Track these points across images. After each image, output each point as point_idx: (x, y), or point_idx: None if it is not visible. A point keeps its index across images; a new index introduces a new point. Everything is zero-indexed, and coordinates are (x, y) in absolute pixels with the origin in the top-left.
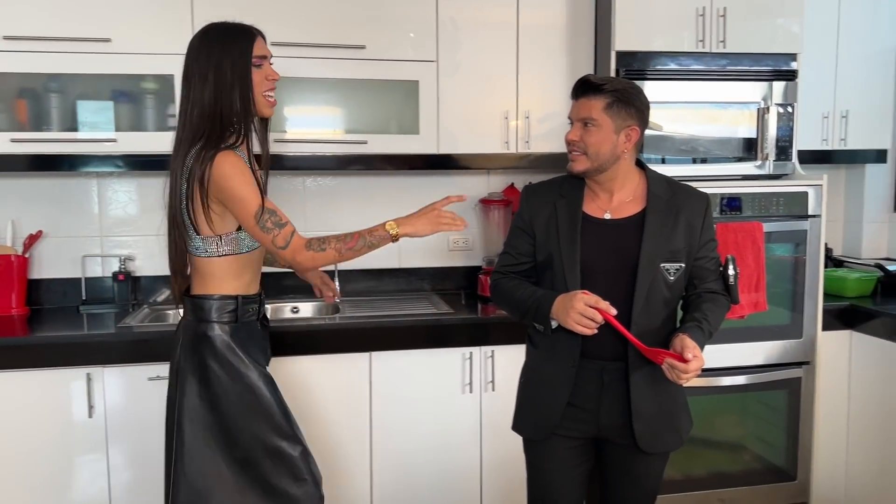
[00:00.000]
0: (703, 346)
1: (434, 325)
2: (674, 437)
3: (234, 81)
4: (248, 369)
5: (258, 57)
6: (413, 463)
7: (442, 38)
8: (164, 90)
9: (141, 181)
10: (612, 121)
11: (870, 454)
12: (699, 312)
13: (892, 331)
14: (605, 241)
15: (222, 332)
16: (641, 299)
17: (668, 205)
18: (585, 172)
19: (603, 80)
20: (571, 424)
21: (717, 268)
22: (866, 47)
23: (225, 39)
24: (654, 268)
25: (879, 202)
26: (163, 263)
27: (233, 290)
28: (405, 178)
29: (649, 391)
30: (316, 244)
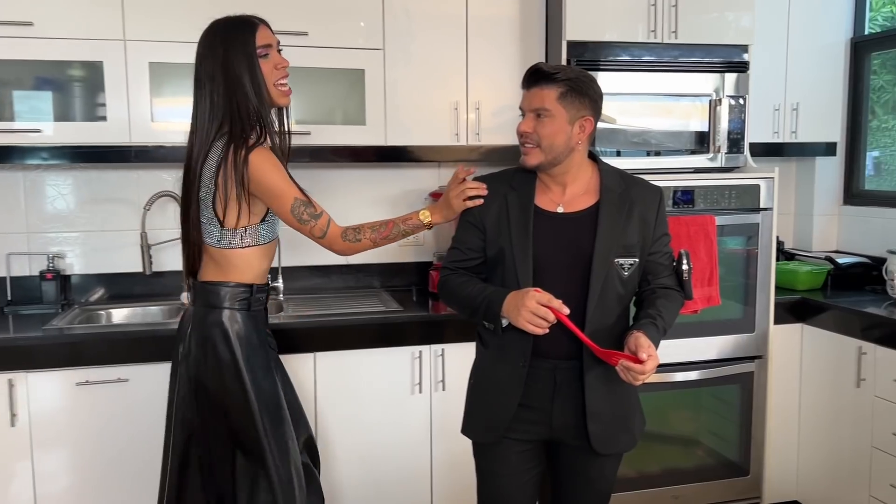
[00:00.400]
0: (657, 344)
1: (381, 323)
2: (628, 438)
3: (243, 76)
4: (256, 355)
5: (262, 46)
6: (361, 467)
7: (389, 26)
8: (94, 78)
9: (71, 174)
10: (565, 111)
11: (820, 448)
12: (653, 309)
13: (841, 324)
14: (558, 235)
15: (234, 319)
16: (596, 295)
17: (621, 198)
18: (539, 166)
19: (555, 68)
20: (523, 427)
21: (670, 263)
22: (816, 40)
23: (226, 34)
24: (608, 263)
25: (829, 195)
26: (96, 261)
27: (248, 279)
28: (352, 171)
29: (604, 391)
30: (351, 234)
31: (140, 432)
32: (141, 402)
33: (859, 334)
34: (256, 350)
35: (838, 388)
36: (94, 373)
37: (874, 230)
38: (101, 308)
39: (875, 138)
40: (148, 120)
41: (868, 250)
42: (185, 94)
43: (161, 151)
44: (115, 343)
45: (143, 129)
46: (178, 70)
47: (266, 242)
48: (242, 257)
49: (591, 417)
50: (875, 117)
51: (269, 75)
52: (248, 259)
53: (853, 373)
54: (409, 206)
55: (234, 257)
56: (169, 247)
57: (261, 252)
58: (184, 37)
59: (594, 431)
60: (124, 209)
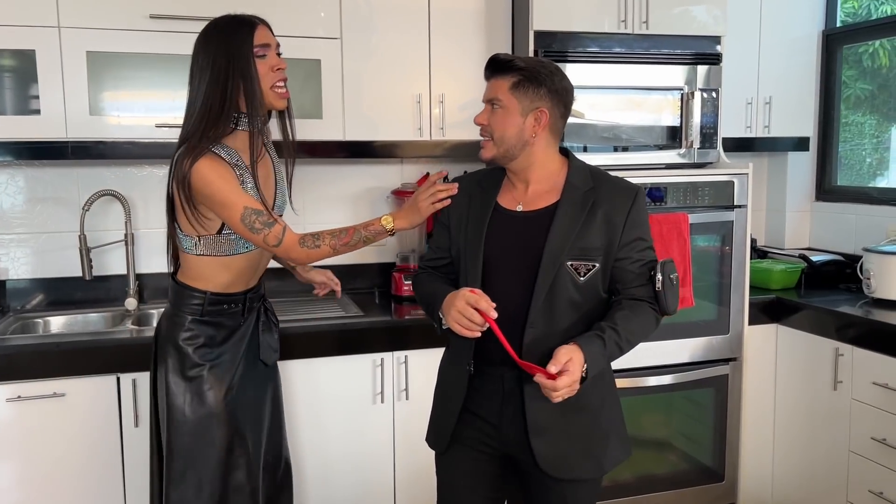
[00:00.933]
0: (604, 359)
1: (340, 330)
2: (590, 465)
3: (234, 75)
4: (196, 367)
5: (260, 46)
6: (320, 481)
7: (346, 14)
8: (26, 68)
9: (4, 172)
10: (518, 102)
11: (797, 452)
12: (608, 321)
13: (817, 324)
14: (511, 234)
15: (182, 321)
16: (540, 299)
17: (585, 197)
18: (493, 159)
19: (511, 57)
20: (475, 436)
21: (645, 271)
22: (789, 33)
23: (221, 33)
24: (556, 265)
25: (802, 191)
26: (34, 265)
27: (205, 286)
28: (309, 168)
29: (550, 406)
30: (310, 240)
31: (78, 451)
32: (79, 418)
33: (835, 335)
34: (203, 357)
35: (814, 391)
36: (28, 387)
37: (846, 227)
38: (38, 316)
39: (840, 134)
40: (86, 113)
41: (840, 247)
42: (128, 87)
43: (101, 148)
44: (50, 355)
45: (80, 123)
46: (119, 60)
47: (226, 255)
48: (199, 264)
49: (533, 432)
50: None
51: (265, 77)
52: (203, 268)
53: (830, 375)
54: (370, 203)
55: (192, 262)
56: (113, 249)
57: (219, 264)
58: (124, 24)
59: (539, 450)
60: (63, 210)
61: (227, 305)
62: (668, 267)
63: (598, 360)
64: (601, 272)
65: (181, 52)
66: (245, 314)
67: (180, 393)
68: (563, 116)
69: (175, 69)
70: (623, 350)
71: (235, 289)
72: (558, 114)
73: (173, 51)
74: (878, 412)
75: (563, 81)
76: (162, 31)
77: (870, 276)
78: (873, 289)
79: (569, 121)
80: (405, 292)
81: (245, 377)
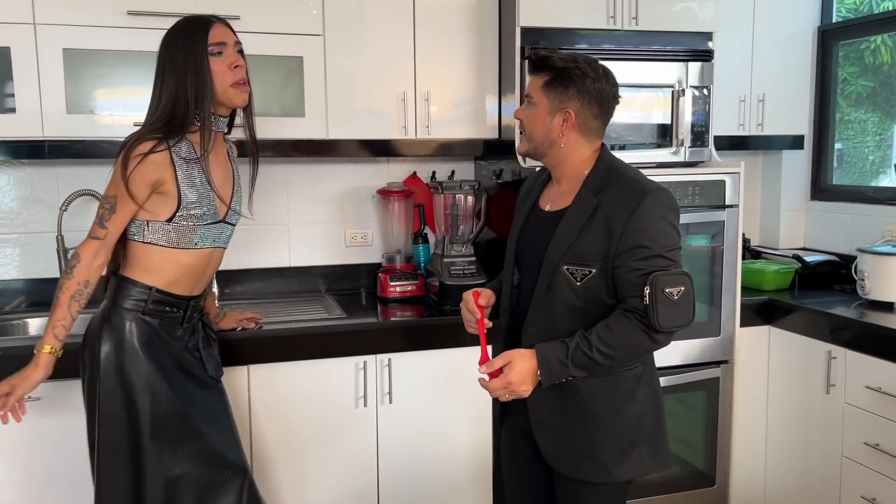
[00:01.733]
0: (563, 367)
1: (321, 333)
2: (595, 469)
3: (188, 74)
4: (138, 367)
5: (215, 44)
6: (301, 489)
7: (329, 10)
8: (1, 66)
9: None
10: (547, 100)
11: (789, 457)
12: (587, 331)
13: (810, 326)
14: (535, 233)
15: (121, 319)
16: (539, 298)
17: (592, 200)
18: (526, 154)
19: (549, 55)
20: (515, 413)
21: (642, 281)
22: (783, 28)
23: (178, 34)
24: (553, 268)
25: (796, 190)
26: (15, 266)
27: (150, 280)
28: (292, 167)
29: (550, 401)
30: (66, 274)
31: (56, 455)
32: (57, 422)
33: (829, 337)
34: (142, 361)
35: (807, 395)
36: None
37: (842, 226)
38: (16, 318)
39: (839, 130)
40: (63, 112)
41: (836, 247)
42: (106, 85)
43: (79, 147)
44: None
45: (57, 121)
46: (96, 57)
47: (174, 247)
48: (145, 254)
49: (535, 426)
50: (838, 109)
51: (221, 74)
52: (149, 258)
53: (822, 378)
54: (356, 204)
55: (138, 252)
56: None
57: (166, 256)
58: (102, 21)
59: (543, 443)
60: (44, 210)
61: (169, 308)
62: (664, 280)
63: (555, 367)
64: (600, 278)
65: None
66: (184, 323)
67: (109, 391)
68: (597, 117)
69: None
70: (596, 360)
71: (180, 290)
72: (590, 115)
73: (151, 48)
74: (871, 416)
75: (596, 83)
76: (140, 27)
77: (864, 277)
78: (867, 290)
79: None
80: (391, 294)
81: (175, 389)
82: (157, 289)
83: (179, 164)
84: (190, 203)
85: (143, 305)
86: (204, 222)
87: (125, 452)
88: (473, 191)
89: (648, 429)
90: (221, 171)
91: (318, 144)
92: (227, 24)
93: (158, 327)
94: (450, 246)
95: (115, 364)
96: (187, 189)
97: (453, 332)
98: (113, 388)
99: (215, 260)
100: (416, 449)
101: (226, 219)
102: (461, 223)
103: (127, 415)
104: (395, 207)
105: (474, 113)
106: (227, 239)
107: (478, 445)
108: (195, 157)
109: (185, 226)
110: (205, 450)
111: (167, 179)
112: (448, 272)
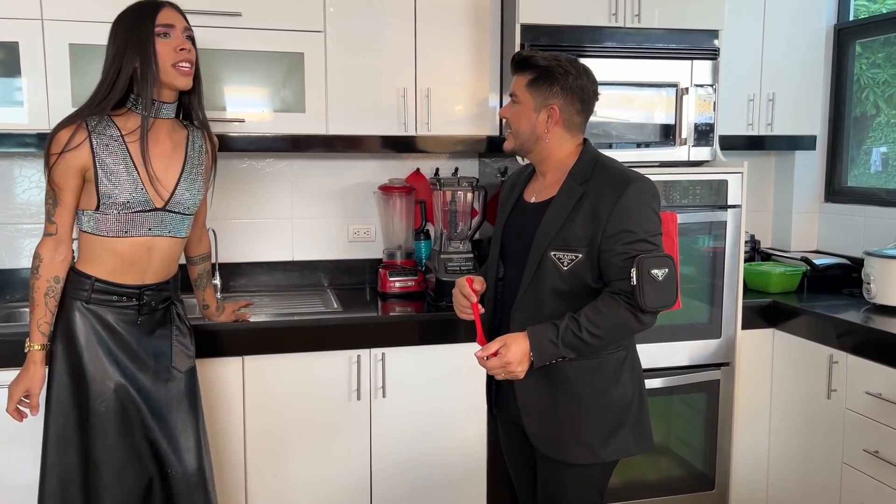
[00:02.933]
0: (555, 347)
1: (315, 325)
2: (581, 450)
3: (130, 54)
4: (83, 357)
5: (162, 26)
6: (294, 481)
7: (330, 7)
8: (9, 60)
9: None
10: (532, 98)
11: (791, 462)
12: (576, 313)
13: (814, 330)
14: (520, 224)
15: (68, 308)
16: (526, 284)
17: (578, 189)
18: (513, 151)
19: (531, 54)
20: (503, 408)
21: (629, 264)
22: (795, 27)
23: (128, 16)
24: (540, 254)
25: (809, 191)
26: (24, 255)
27: (91, 270)
28: (294, 162)
29: (538, 385)
30: (33, 272)
31: None
32: None
33: (832, 341)
34: (87, 350)
35: (809, 399)
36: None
37: (855, 229)
38: (24, 306)
39: (883, 133)
40: (69, 105)
41: (849, 250)
42: None
43: None
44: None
45: (63, 114)
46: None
47: (105, 236)
48: (86, 244)
49: (523, 411)
50: (880, 112)
51: (166, 56)
52: (88, 247)
53: (824, 383)
54: (358, 199)
55: (82, 242)
56: None
57: (101, 246)
58: (106, 16)
59: (530, 427)
60: None
61: (116, 297)
62: (649, 262)
63: (547, 348)
64: (586, 263)
65: None
66: (141, 312)
67: (58, 380)
68: (580, 112)
69: None
70: (585, 341)
71: (124, 279)
72: (573, 110)
73: None
74: (871, 423)
75: (578, 80)
76: None
77: (870, 280)
78: (873, 294)
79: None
80: (391, 289)
81: (125, 379)
82: (97, 278)
83: (100, 149)
84: (110, 191)
85: (87, 295)
86: (132, 209)
87: (71, 439)
88: (472, 187)
89: (632, 411)
90: (164, 157)
91: (318, 140)
92: (179, 9)
93: (109, 317)
94: (448, 242)
95: (63, 354)
96: (104, 177)
97: (448, 328)
98: (60, 376)
99: (161, 248)
100: (410, 443)
101: (167, 207)
102: (460, 220)
103: (73, 402)
104: (397, 203)
105: (475, 110)
106: (175, 228)
107: (471, 440)
108: (118, 137)
109: (113, 214)
110: (147, 443)
111: (89, 167)
112: (445, 268)
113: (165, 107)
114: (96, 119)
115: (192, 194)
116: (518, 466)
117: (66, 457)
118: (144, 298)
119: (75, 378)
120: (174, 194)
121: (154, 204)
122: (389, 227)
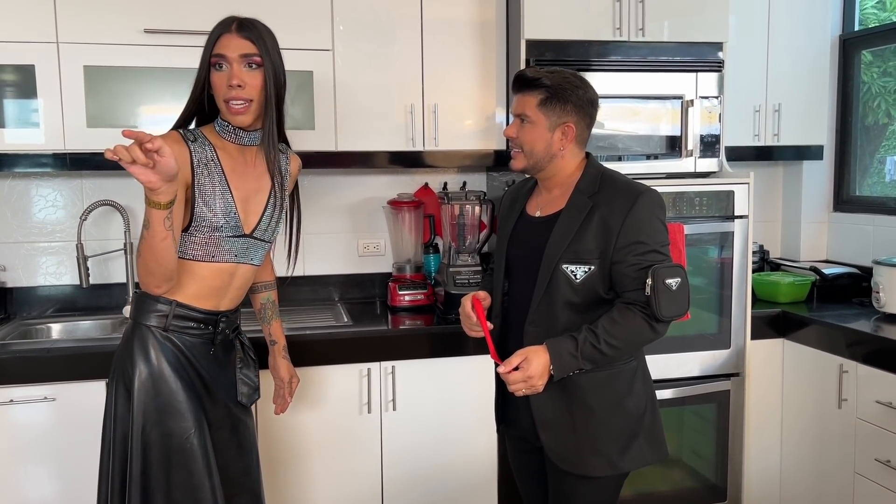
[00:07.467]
0: (574, 360)
1: (325, 339)
2: (599, 462)
3: (200, 75)
4: (165, 390)
5: (216, 56)
6: (305, 494)
7: (338, 25)
8: (25, 82)
9: (6, 184)
10: (545, 118)
11: (804, 472)
12: (593, 324)
13: (823, 339)
14: (526, 238)
15: (142, 336)
16: (538, 298)
17: (587, 202)
18: (524, 170)
19: (538, 74)
20: (513, 421)
21: (642, 275)
22: (799, 37)
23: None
24: (552, 267)
25: (818, 201)
26: (41, 273)
27: (171, 295)
28: (307, 178)
29: (554, 400)
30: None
31: (66, 454)
32: (69, 421)
33: (843, 351)
34: (156, 381)
35: (820, 409)
36: (19, 392)
37: (865, 238)
38: (40, 323)
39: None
40: (83, 126)
41: (858, 260)
42: (125, 100)
43: (98, 159)
44: (41, 360)
45: (78, 135)
46: (114, 74)
47: (190, 259)
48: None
49: (540, 426)
50: (893, 120)
51: (219, 90)
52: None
53: (834, 393)
54: (368, 214)
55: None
56: (116, 258)
57: (184, 269)
58: (120, 39)
59: (546, 442)
60: (68, 220)
61: (194, 323)
62: (664, 272)
63: (567, 360)
64: (599, 275)
65: (175, 65)
66: (215, 340)
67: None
68: (588, 126)
69: (169, 82)
70: (604, 352)
71: (204, 305)
72: (584, 125)
73: (167, 64)
74: (882, 432)
75: (587, 94)
76: (156, 45)
77: (880, 289)
78: (883, 303)
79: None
80: (400, 303)
81: (199, 417)
82: (178, 302)
83: (199, 168)
84: (203, 213)
85: (166, 322)
86: (222, 234)
87: (158, 478)
88: (479, 201)
89: (646, 420)
90: (252, 182)
91: (328, 156)
92: (245, 31)
93: (185, 346)
94: (456, 255)
95: (145, 387)
96: (199, 197)
97: (457, 341)
98: (149, 411)
99: (241, 275)
100: (420, 456)
101: (253, 234)
102: (467, 233)
103: (158, 436)
104: (406, 218)
105: (482, 124)
106: (257, 255)
107: (482, 452)
108: (216, 161)
109: (200, 237)
110: (208, 488)
111: (189, 184)
112: (453, 281)
113: (249, 135)
114: (192, 135)
115: (276, 220)
116: (528, 482)
117: (149, 497)
118: (220, 326)
119: (160, 414)
120: (261, 220)
121: (243, 230)
122: (399, 241)
